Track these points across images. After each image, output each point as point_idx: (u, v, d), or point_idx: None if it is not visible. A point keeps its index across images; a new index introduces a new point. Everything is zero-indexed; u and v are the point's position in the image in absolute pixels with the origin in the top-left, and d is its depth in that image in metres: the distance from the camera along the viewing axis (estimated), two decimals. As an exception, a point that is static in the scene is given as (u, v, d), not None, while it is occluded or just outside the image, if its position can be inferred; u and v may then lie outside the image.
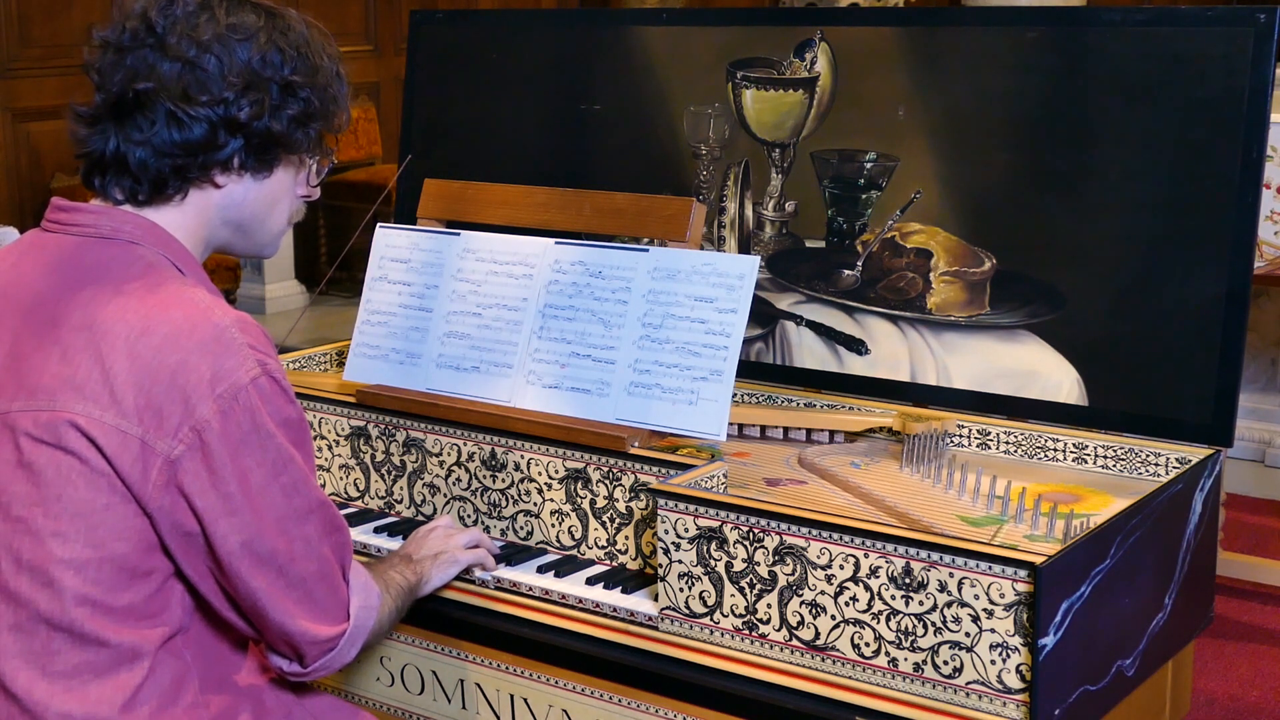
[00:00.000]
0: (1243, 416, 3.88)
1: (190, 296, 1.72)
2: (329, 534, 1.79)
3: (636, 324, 2.25)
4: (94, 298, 1.70)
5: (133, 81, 1.73)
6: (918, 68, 2.50)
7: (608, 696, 2.10)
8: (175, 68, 1.73)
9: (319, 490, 1.78)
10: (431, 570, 2.12)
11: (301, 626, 1.77)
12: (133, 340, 1.66)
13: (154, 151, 1.74)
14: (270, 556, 1.72)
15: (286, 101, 1.78)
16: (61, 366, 1.68)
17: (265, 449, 1.70)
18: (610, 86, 2.81)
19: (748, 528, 1.93)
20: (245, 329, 1.71)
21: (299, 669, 1.83)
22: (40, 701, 1.67)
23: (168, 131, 1.73)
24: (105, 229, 1.76)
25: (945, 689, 1.81)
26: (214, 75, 1.73)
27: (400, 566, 2.07)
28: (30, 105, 6.67)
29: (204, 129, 1.74)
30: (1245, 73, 2.20)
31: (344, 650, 1.83)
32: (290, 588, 1.75)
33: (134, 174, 1.75)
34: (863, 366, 2.53)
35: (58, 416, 1.66)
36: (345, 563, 1.84)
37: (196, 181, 1.78)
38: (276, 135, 1.78)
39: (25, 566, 1.68)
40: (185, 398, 1.65)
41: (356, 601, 1.85)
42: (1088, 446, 2.32)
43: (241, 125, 1.75)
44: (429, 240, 2.50)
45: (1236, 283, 2.21)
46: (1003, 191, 2.42)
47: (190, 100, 1.73)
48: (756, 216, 2.65)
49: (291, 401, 1.74)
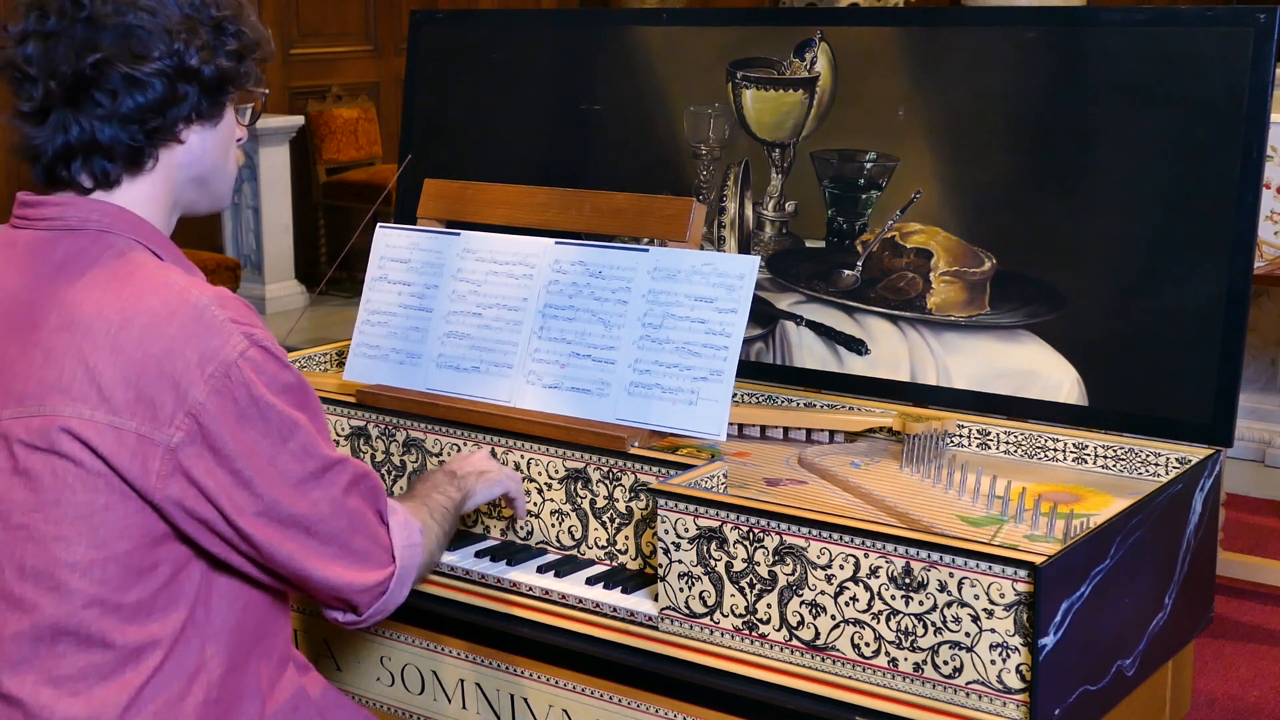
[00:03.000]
0: (1243, 416, 3.88)
1: (166, 280, 1.70)
2: (353, 485, 1.78)
3: (636, 324, 2.25)
4: (70, 295, 1.69)
5: (79, 59, 1.70)
6: (918, 68, 2.50)
7: (608, 696, 2.10)
8: (116, 34, 1.71)
9: (331, 447, 1.77)
10: (477, 485, 2.11)
11: (347, 579, 1.77)
12: (114, 334, 1.65)
13: (121, 121, 1.72)
14: (294, 521, 1.71)
15: (223, 40, 1.79)
16: (46, 370, 1.67)
17: (267, 419, 1.68)
18: (610, 86, 2.81)
19: (748, 528, 1.93)
20: (225, 304, 1.69)
21: (355, 618, 1.83)
22: (45, 706, 1.67)
23: (130, 98, 1.71)
24: (73, 220, 1.74)
25: (945, 689, 1.82)
26: (156, 30, 1.72)
27: (444, 485, 2.06)
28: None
29: (163, 84, 1.73)
30: (1245, 73, 2.21)
31: (396, 591, 1.83)
32: (325, 545, 1.74)
33: (106, 152, 1.73)
34: (863, 366, 2.53)
35: (49, 422, 1.65)
36: (380, 507, 1.83)
37: (164, 142, 1.77)
38: (226, 73, 1.78)
39: (30, 573, 1.67)
40: (175, 384, 1.64)
41: (399, 540, 1.83)
42: (1088, 446, 2.32)
43: (194, 72, 1.75)
44: (429, 240, 2.50)
45: (1236, 283, 2.21)
46: (1003, 191, 2.42)
47: (143, 59, 1.71)
48: (756, 216, 2.65)
49: (286, 366, 1.72)
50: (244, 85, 1.83)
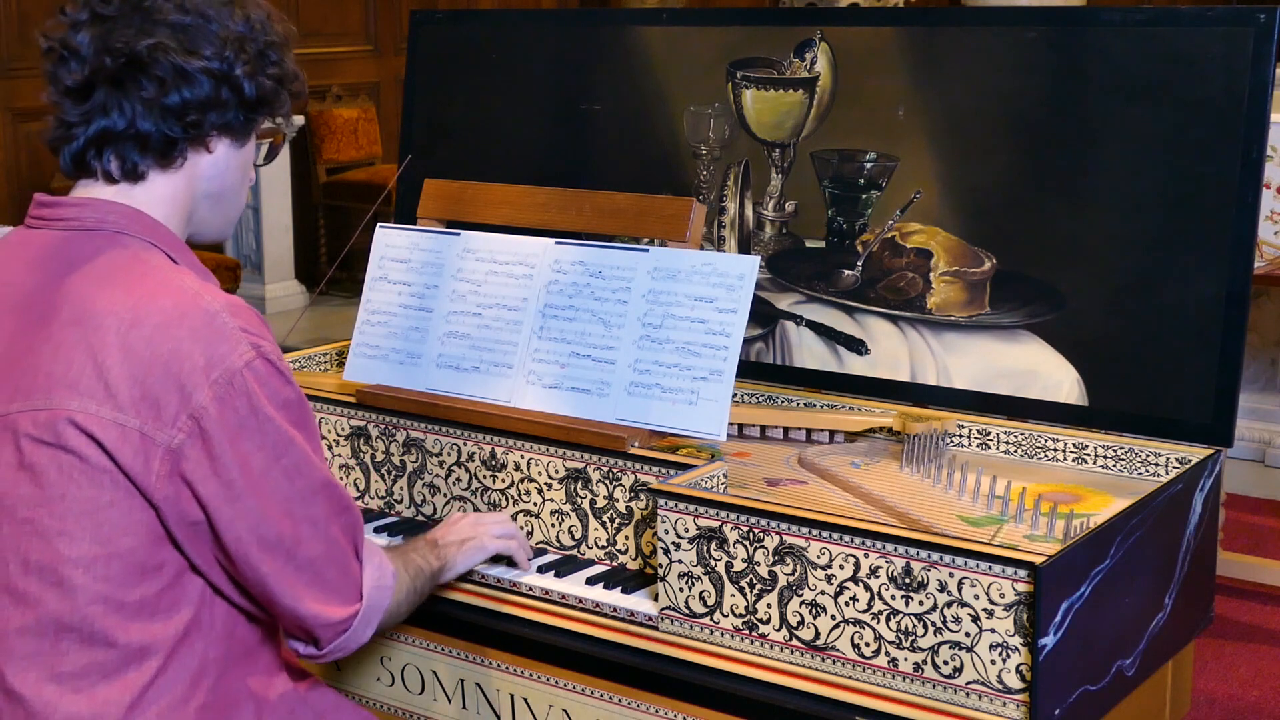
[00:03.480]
0: (1243, 416, 3.88)
1: (179, 283, 1.71)
2: (337, 514, 1.78)
3: (636, 324, 2.25)
4: (82, 292, 1.70)
5: (135, 40, 1.73)
6: (918, 68, 2.50)
7: (608, 696, 2.10)
8: (172, 27, 1.75)
9: (324, 470, 1.77)
10: (456, 556, 2.10)
11: (313, 610, 1.77)
12: (124, 332, 1.66)
13: (162, 113, 1.75)
14: (277, 541, 1.71)
15: (267, 64, 1.82)
16: (54, 364, 1.67)
17: (264, 432, 1.69)
18: (610, 86, 2.81)
19: (748, 528, 1.93)
20: (236, 312, 1.71)
21: (315, 651, 1.83)
22: (49, 703, 1.67)
23: (176, 90, 1.75)
24: (90, 221, 1.76)
25: (945, 689, 1.82)
26: (210, 34, 1.77)
27: (423, 550, 2.06)
28: (30, 105, 6.67)
29: (210, 84, 1.76)
30: (1245, 73, 2.21)
31: (358, 630, 1.82)
32: (299, 571, 1.74)
33: (141, 141, 1.76)
34: (863, 366, 2.53)
35: (55, 415, 1.66)
36: (357, 542, 1.83)
37: (195, 143, 1.79)
38: (264, 94, 1.82)
39: (34, 568, 1.67)
40: (180, 386, 1.65)
41: (370, 581, 1.83)
42: (1088, 446, 2.32)
43: (237, 83, 1.78)
44: (429, 240, 2.50)
45: (1236, 283, 2.21)
46: (1003, 191, 2.42)
47: (194, 54, 1.75)
48: (756, 216, 2.65)
49: (289, 382, 1.74)
50: (276, 113, 1.87)
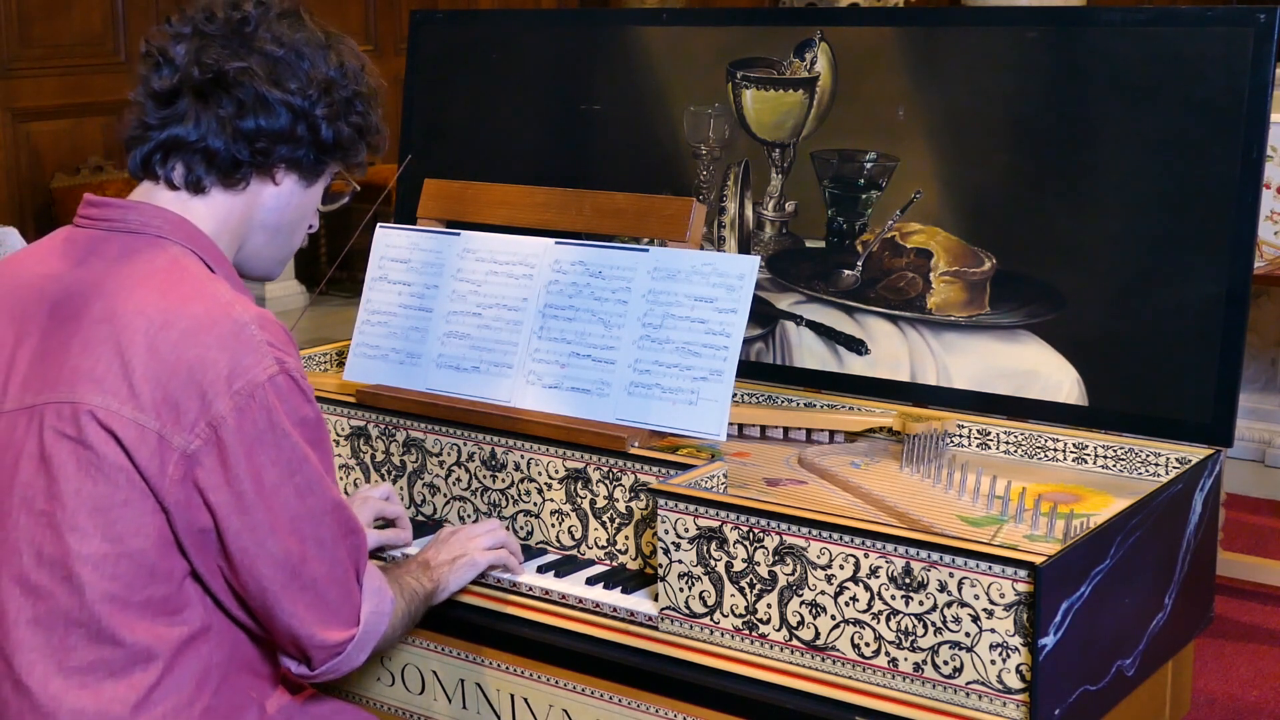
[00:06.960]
0: (1243, 416, 3.89)
1: (212, 292, 1.72)
2: (344, 536, 1.78)
3: (636, 324, 2.25)
4: (116, 290, 1.71)
5: (227, 60, 1.77)
6: (918, 68, 2.50)
7: (608, 696, 2.10)
8: (266, 57, 1.79)
9: (335, 491, 1.77)
10: (449, 576, 2.10)
11: (309, 630, 1.76)
12: (152, 334, 1.67)
13: (235, 135, 1.78)
14: (283, 557, 1.71)
15: (351, 112, 1.86)
16: (82, 359, 1.69)
17: (280, 448, 1.69)
18: (610, 86, 2.81)
19: (748, 528, 1.93)
20: (265, 326, 1.72)
21: (306, 671, 1.83)
22: (55, 696, 1.68)
23: (254, 116, 1.78)
24: (134, 223, 1.78)
25: (945, 689, 1.82)
26: (300, 72, 1.81)
27: (417, 573, 2.05)
28: (30, 105, 6.67)
29: (288, 118, 1.79)
30: (1245, 73, 2.21)
31: (352, 655, 1.82)
32: (302, 590, 1.74)
33: (208, 157, 1.78)
34: (863, 366, 2.53)
35: (78, 408, 1.67)
36: (360, 566, 1.83)
37: (261, 170, 1.82)
38: (340, 140, 1.85)
39: (46, 561, 1.68)
40: (202, 393, 1.66)
41: (369, 606, 1.83)
42: (1088, 446, 2.32)
43: (315, 123, 1.81)
44: (429, 240, 2.50)
45: (1236, 283, 2.21)
46: (1003, 191, 2.42)
47: (280, 86, 1.79)
48: (756, 216, 2.65)
49: (309, 401, 1.74)
50: (350, 160, 1.90)
